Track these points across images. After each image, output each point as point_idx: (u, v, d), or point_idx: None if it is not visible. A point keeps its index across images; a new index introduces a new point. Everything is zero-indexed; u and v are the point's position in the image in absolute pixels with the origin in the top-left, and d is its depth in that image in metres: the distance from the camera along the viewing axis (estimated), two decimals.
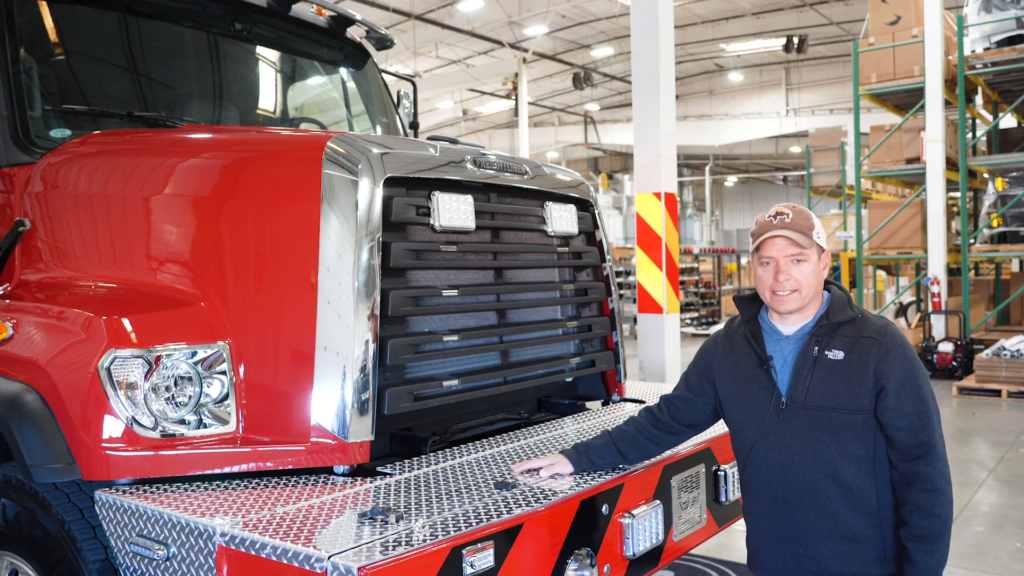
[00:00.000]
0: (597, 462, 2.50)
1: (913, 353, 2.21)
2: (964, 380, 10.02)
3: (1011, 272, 15.34)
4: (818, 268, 2.25)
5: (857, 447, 2.17)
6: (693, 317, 19.03)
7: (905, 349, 2.19)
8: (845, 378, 2.17)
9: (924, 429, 2.16)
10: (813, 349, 2.22)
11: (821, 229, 2.28)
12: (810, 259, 2.23)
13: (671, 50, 6.32)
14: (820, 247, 2.26)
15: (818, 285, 2.25)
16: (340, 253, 2.34)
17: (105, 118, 3.10)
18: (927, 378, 2.21)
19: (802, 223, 2.24)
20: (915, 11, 11.87)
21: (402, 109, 4.47)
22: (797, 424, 2.21)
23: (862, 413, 2.16)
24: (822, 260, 2.28)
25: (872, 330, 2.21)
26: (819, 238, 2.25)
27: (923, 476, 2.17)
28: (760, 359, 2.29)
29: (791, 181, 42.74)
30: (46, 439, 2.30)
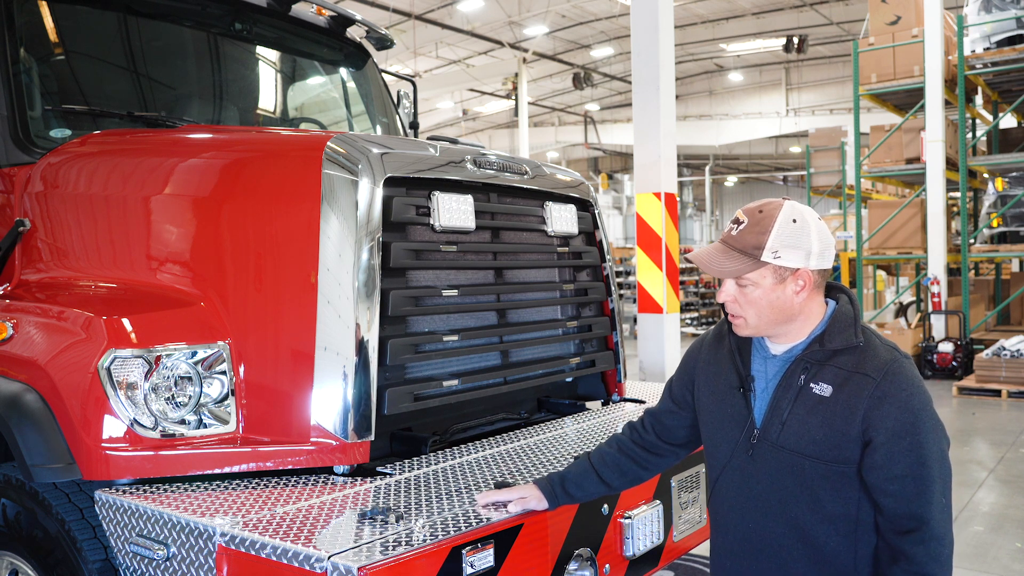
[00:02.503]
0: (575, 494, 2.17)
1: (921, 400, 1.77)
2: (964, 380, 10.02)
3: (1011, 272, 15.34)
4: (777, 292, 1.81)
5: (835, 505, 1.80)
6: (693, 317, 19.04)
7: (909, 395, 1.76)
8: (828, 420, 1.78)
9: (919, 498, 1.74)
10: (798, 378, 1.84)
11: (798, 240, 1.79)
12: (759, 284, 1.81)
13: (671, 50, 6.32)
14: (784, 268, 1.79)
15: (781, 312, 1.83)
16: (340, 253, 2.34)
17: (105, 118, 3.10)
18: (937, 435, 1.78)
19: (749, 239, 1.81)
20: (915, 11, 11.87)
21: (402, 109, 4.47)
22: (766, 465, 1.86)
23: (843, 465, 1.78)
24: (790, 283, 1.81)
25: (872, 365, 1.78)
26: (778, 258, 1.78)
27: (910, 556, 1.73)
28: (740, 379, 1.94)
29: (791, 181, 42.74)
30: (46, 439, 2.30)
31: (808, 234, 1.80)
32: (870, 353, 1.81)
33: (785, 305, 1.83)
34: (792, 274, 1.81)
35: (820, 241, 1.82)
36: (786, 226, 1.80)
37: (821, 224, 1.85)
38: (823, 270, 1.84)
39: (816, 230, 1.82)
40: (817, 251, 1.81)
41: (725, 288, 1.87)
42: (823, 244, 1.82)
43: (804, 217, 1.82)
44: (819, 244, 1.81)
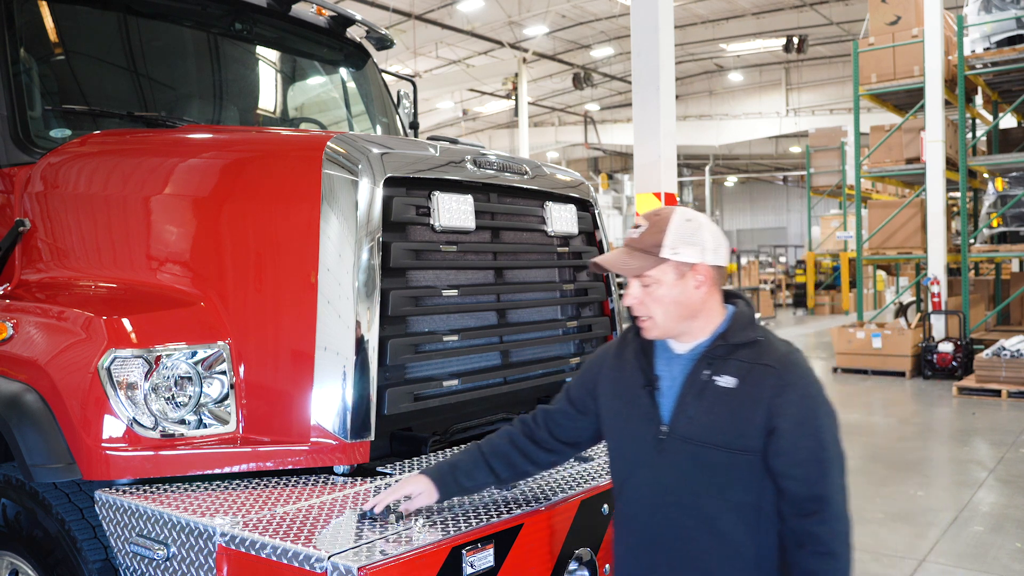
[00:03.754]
0: (466, 484, 2.15)
1: (819, 388, 1.90)
2: (964, 380, 10.02)
3: (1011, 272, 15.33)
4: (679, 288, 1.92)
5: (740, 493, 1.87)
6: None
7: (808, 383, 1.88)
8: (734, 410, 1.87)
9: (821, 481, 1.85)
10: (703, 373, 1.93)
11: (692, 237, 1.92)
12: (662, 281, 1.92)
13: (671, 50, 6.32)
14: (683, 263, 1.91)
15: (685, 307, 1.93)
16: (340, 253, 2.34)
17: (105, 118, 3.10)
18: (833, 419, 1.89)
19: (649, 239, 1.93)
20: (915, 11, 11.87)
21: (402, 109, 4.47)
22: (675, 459, 1.92)
23: (748, 455, 1.86)
24: (690, 278, 1.92)
25: (773, 356, 1.90)
26: (676, 253, 1.90)
27: (816, 536, 1.84)
28: (646, 379, 2.01)
29: (791, 181, 42.76)
30: (46, 439, 2.30)
31: (702, 232, 1.94)
32: (768, 347, 1.94)
33: (688, 301, 1.94)
34: (691, 269, 1.93)
35: (713, 238, 1.95)
36: (681, 225, 1.94)
37: (713, 225, 2.00)
38: (719, 267, 1.96)
39: (709, 228, 1.97)
40: (712, 247, 1.94)
41: (631, 291, 1.97)
42: (716, 242, 1.96)
43: (696, 218, 1.97)
44: (713, 241, 1.95)
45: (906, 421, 8.43)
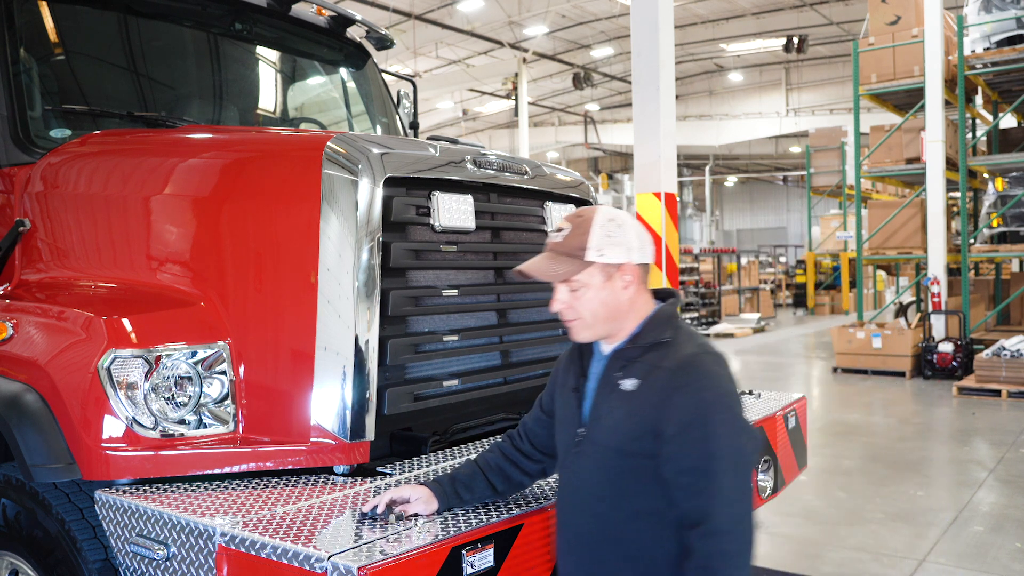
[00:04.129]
0: (465, 497, 2.14)
1: (716, 394, 1.80)
2: (964, 380, 10.02)
3: (1011, 272, 15.33)
4: (607, 290, 1.88)
5: (643, 500, 1.82)
6: (693, 317, 19.04)
7: (702, 387, 1.79)
8: (631, 414, 1.83)
9: (704, 492, 1.74)
10: (613, 375, 1.91)
11: (617, 237, 1.88)
12: (590, 284, 1.88)
13: (671, 50, 6.32)
14: (609, 264, 1.87)
15: (613, 308, 1.90)
16: (340, 253, 2.34)
17: (105, 118, 3.10)
18: (729, 429, 1.78)
19: (573, 242, 1.89)
20: (915, 11, 11.87)
21: (402, 109, 4.47)
22: (587, 462, 1.90)
23: (646, 459, 1.80)
24: (617, 279, 1.89)
25: (673, 359, 1.83)
26: (602, 255, 1.86)
27: (695, 551, 1.74)
28: (575, 381, 2.01)
29: (791, 181, 42.77)
30: (46, 439, 2.30)
31: (626, 230, 1.91)
32: (674, 348, 1.87)
33: (616, 301, 1.91)
34: (618, 269, 1.89)
35: (638, 236, 1.93)
36: (605, 225, 1.90)
37: (636, 222, 1.97)
38: (645, 264, 1.95)
39: (633, 226, 1.94)
40: (637, 245, 1.91)
41: (558, 296, 1.93)
42: (641, 240, 1.93)
43: (619, 216, 1.94)
44: (638, 239, 1.92)
45: (906, 421, 8.43)
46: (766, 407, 3.34)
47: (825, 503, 5.54)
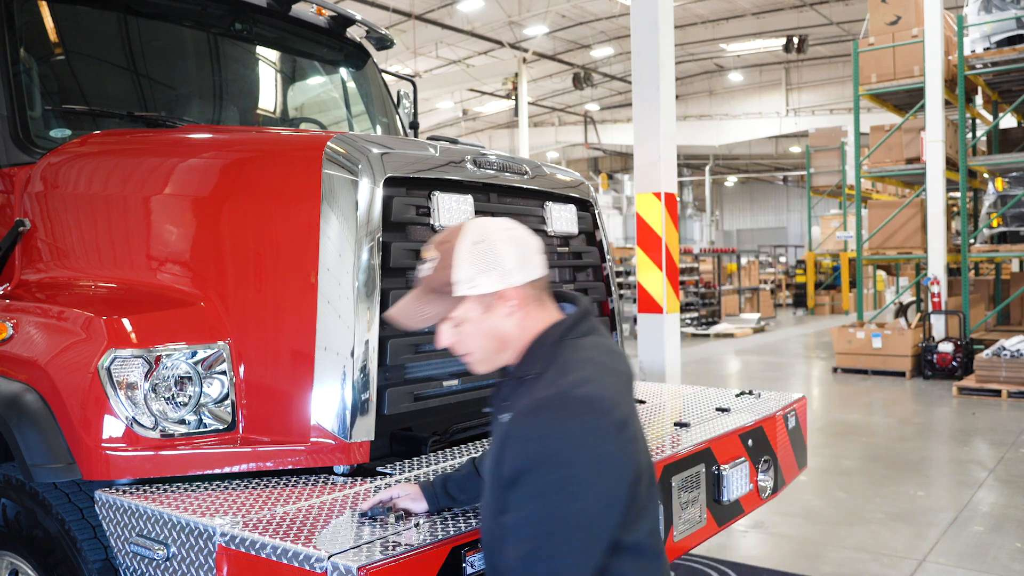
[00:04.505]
0: (458, 497, 2.03)
1: (546, 451, 1.50)
2: (964, 380, 10.02)
3: (1011, 272, 15.34)
4: (489, 321, 1.69)
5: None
6: (693, 317, 19.04)
7: (539, 438, 1.51)
8: (491, 453, 1.66)
9: (495, 554, 1.57)
10: (497, 404, 1.77)
11: (486, 262, 1.66)
12: (467, 319, 1.70)
13: (671, 50, 6.32)
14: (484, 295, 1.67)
15: (502, 339, 1.71)
16: (340, 253, 2.34)
17: (105, 118, 3.10)
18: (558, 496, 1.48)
19: (441, 276, 1.68)
20: (915, 11, 11.88)
21: (402, 109, 4.47)
22: (484, 499, 1.72)
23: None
24: (497, 307, 1.68)
25: (523, 402, 1.59)
26: (474, 287, 1.66)
27: None
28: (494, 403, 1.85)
29: (791, 181, 42.78)
30: (46, 439, 2.30)
31: (496, 252, 1.67)
32: (537, 387, 1.62)
33: (502, 331, 1.71)
34: (496, 297, 1.68)
35: (515, 253, 1.69)
36: (470, 251, 1.67)
37: (513, 233, 1.72)
38: (533, 281, 1.71)
39: (506, 243, 1.69)
40: (514, 264, 1.68)
41: (441, 333, 1.75)
42: (519, 255, 1.69)
43: (488, 235, 1.69)
44: (514, 257, 1.68)
45: (906, 421, 8.43)
46: (766, 407, 3.35)
47: (825, 503, 5.54)
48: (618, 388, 1.65)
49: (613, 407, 1.58)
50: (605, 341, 1.79)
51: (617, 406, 1.59)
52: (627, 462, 1.58)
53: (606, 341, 1.79)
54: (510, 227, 1.74)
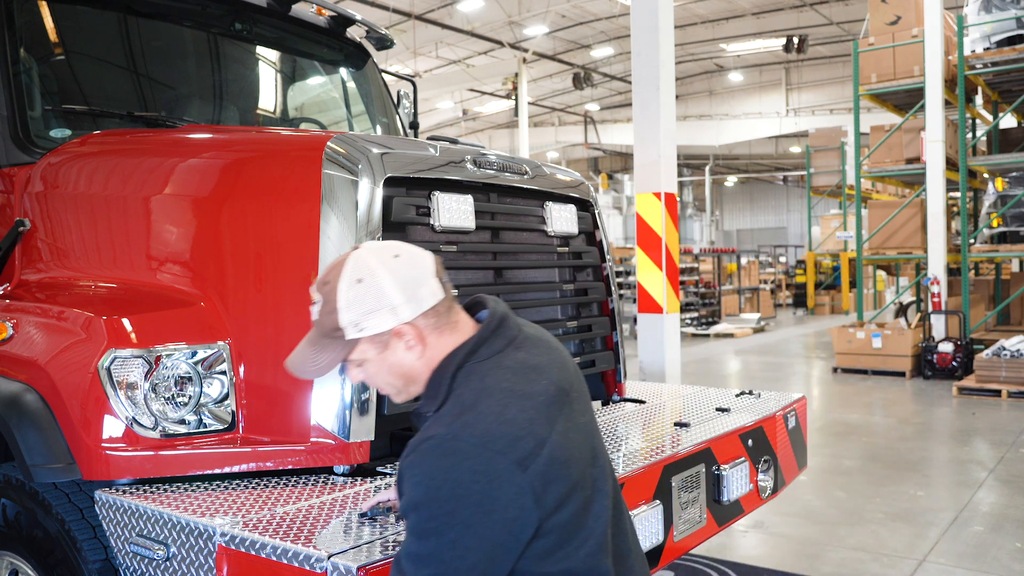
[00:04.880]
0: None
1: (427, 495, 1.45)
2: (964, 380, 10.02)
3: (1011, 272, 15.34)
4: (389, 359, 1.63)
5: None
6: (693, 317, 19.04)
7: (426, 480, 1.46)
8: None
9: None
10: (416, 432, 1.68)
11: (369, 302, 1.57)
12: (366, 359, 1.64)
13: (671, 50, 6.32)
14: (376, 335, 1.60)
15: (408, 374, 1.66)
16: (340, 253, 2.32)
17: (105, 118, 3.10)
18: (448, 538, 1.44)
19: (328, 322, 1.61)
20: (915, 11, 11.88)
21: (402, 109, 4.47)
22: None
23: None
24: (394, 344, 1.61)
25: (419, 437, 1.52)
26: (362, 330, 1.58)
27: None
28: None
29: (791, 181, 42.79)
30: (46, 439, 2.30)
31: (379, 288, 1.58)
32: (430, 424, 1.56)
33: (404, 366, 1.64)
34: (390, 335, 1.61)
35: (401, 288, 1.60)
36: (351, 292, 1.59)
37: (398, 263, 1.62)
38: (427, 311, 1.62)
39: (389, 277, 1.59)
40: (403, 299, 1.59)
41: (348, 372, 1.70)
42: (407, 288, 1.60)
43: (371, 270, 1.60)
44: (401, 292, 1.59)
45: (906, 421, 8.43)
46: (766, 407, 3.35)
47: (825, 503, 5.54)
48: (528, 415, 1.54)
49: (513, 442, 1.49)
50: (518, 357, 1.65)
51: (518, 440, 1.49)
52: (528, 501, 1.48)
53: (520, 356, 1.66)
54: (396, 254, 1.63)
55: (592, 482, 1.66)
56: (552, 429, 1.57)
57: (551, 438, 1.55)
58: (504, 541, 1.48)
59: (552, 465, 1.53)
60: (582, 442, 1.66)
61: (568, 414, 1.65)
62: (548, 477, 1.52)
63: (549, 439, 1.54)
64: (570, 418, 1.64)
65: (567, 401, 1.66)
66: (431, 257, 1.69)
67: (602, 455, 1.74)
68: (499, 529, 1.47)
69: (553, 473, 1.53)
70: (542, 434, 1.54)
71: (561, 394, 1.65)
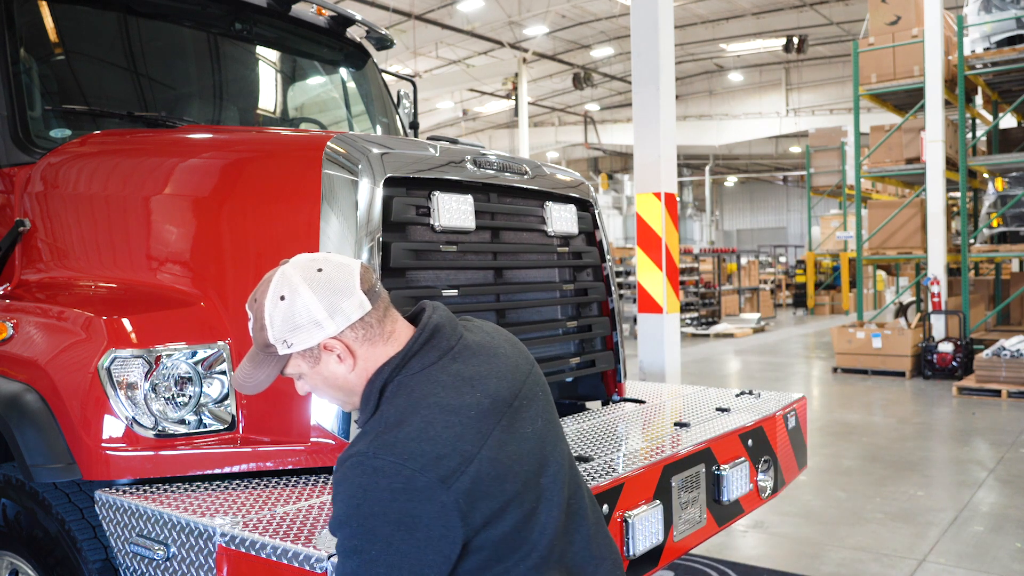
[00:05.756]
0: None
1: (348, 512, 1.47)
2: (964, 380, 10.02)
3: (1011, 272, 15.34)
4: (324, 373, 1.64)
5: None
6: (693, 317, 19.04)
7: (348, 497, 1.47)
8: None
9: None
10: None
11: (293, 319, 1.58)
12: (302, 373, 1.66)
13: (671, 50, 6.32)
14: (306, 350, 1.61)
15: (346, 388, 1.66)
16: (340, 252, 2.33)
17: (105, 118, 3.10)
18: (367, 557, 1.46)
19: (260, 338, 1.63)
20: (915, 11, 11.88)
21: (402, 109, 4.47)
22: None
23: None
24: (325, 358, 1.62)
25: (345, 452, 1.53)
26: (291, 346, 1.59)
27: None
28: None
29: (791, 181, 42.80)
30: (46, 439, 2.30)
31: (304, 305, 1.58)
32: (357, 438, 1.55)
33: (339, 379, 1.65)
34: (320, 349, 1.61)
35: (324, 302, 1.58)
36: (276, 309, 1.59)
37: (322, 277, 1.60)
38: (355, 323, 1.61)
39: (312, 293, 1.58)
40: (325, 314, 1.58)
41: (296, 385, 1.72)
42: (330, 302, 1.58)
43: (293, 287, 1.59)
44: (324, 307, 1.58)
45: (906, 421, 8.43)
46: (766, 407, 3.35)
47: (825, 503, 5.54)
48: (454, 431, 1.51)
49: (435, 460, 1.47)
50: (452, 369, 1.62)
51: (441, 458, 1.47)
52: (452, 519, 1.47)
53: (455, 368, 1.62)
54: (319, 268, 1.62)
55: (540, 493, 1.63)
56: (483, 444, 1.54)
57: (480, 454, 1.52)
58: (430, 559, 1.47)
59: (480, 482, 1.50)
60: (527, 453, 1.62)
61: (508, 425, 1.61)
62: (475, 494, 1.49)
63: (477, 456, 1.52)
64: (511, 429, 1.61)
65: (507, 412, 1.63)
66: (358, 268, 1.66)
67: (555, 464, 1.69)
68: (423, 547, 1.46)
69: (481, 490, 1.50)
70: (469, 451, 1.51)
71: (498, 405, 1.62)
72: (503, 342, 1.79)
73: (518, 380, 1.71)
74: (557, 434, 1.77)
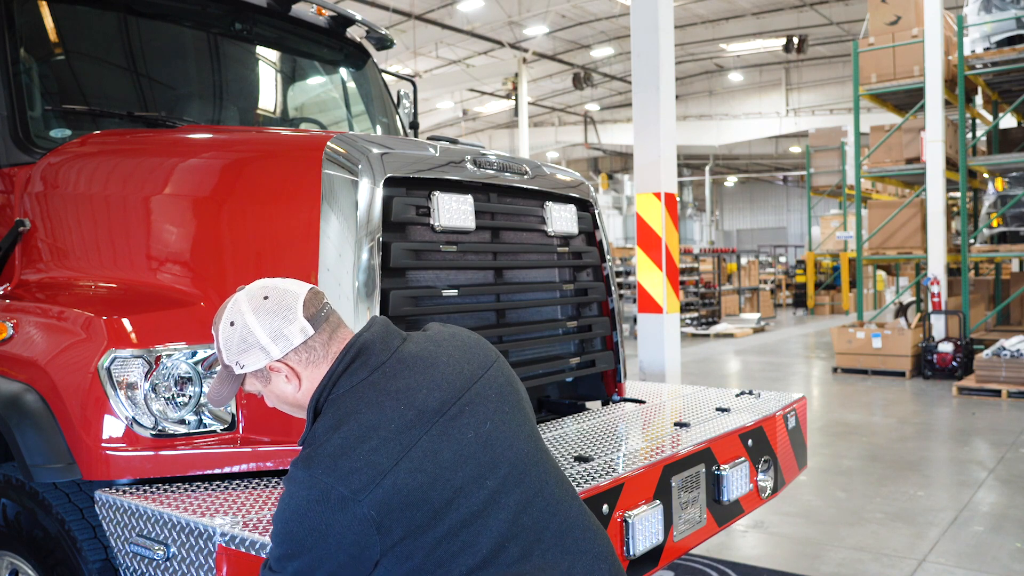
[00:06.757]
0: None
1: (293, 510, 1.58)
2: (964, 380, 10.01)
3: (1011, 272, 15.34)
4: (275, 392, 1.77)
5: None
6: (693, 317, 19.04)
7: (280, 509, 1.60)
8: None
9: None
10: None
11: (242, 342, 1.70)
12: (258, 390, 1.79)
13: (671, 50, 6.32)
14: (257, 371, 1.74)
15: (296, 405, 1.78)
16: (340, 253, 2.34)
17: (105, 118, 3.10)
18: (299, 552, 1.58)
19: (219, 356, 1.77)
20: (915, 11, 11.88)
21: (402, 109, 4.47)
22: None
23: None
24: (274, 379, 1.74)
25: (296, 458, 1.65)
26: (243, 366, 1.72)
27: None
28: None
29: (791, 181, 42.81)
30: (46, 439, 2.30)
31: (250, 331, 1.70)
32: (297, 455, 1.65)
33: (288, 396, 1.77)
34: (268, 370, 1.74)
35: (267, 328, 1.70)
36: (226, 334, 1.73)
37: (268, 304, 1.72)
38: (301, 346, 1.72)
39: (257, 320, 1.70)
40: (269, 338, 1.70)
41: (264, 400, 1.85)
42: (274, 328, 1.70)
43: (241, 314, 1.72)
44: (267, 332, 1.70)
45: (906, 421, 8.43)
46: (766, 407, 3.35)
47: (825, 503, 5.54)
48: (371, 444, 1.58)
49: (348, 475, 1.55)
50: (380, 385, 1.68)
51: (354, 472, 1.55)
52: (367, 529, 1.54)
53: (382, 383, 1.68)
54: (265, 296, 1.73)
55: (487, 496, 1.64)
56: (402, 457, 1.58)
57: (397, 467, 1.57)
58: (345, 563, 1.57)
59: (398, 494, 1.56)
60: (468, 457, 1.65)
61: (440, 433, 1.64)
62: (392, 505, 1.55)
63: (393, 469, 1.57)
64: (445, 436, 1.64)
65: (438, 420, 1.66)
66: (303, 295, 1.75)
67: (508, 464, 1.69)
68: (340, 553, 1.56)
69: (398, 501, 1.56)
70: (383, 464, 1.57)
71: (425, 416, 1.65)
72: (452, 349, 1.81)
73: (458, 387, 1.72)
74: (514, 433, 1.75)
